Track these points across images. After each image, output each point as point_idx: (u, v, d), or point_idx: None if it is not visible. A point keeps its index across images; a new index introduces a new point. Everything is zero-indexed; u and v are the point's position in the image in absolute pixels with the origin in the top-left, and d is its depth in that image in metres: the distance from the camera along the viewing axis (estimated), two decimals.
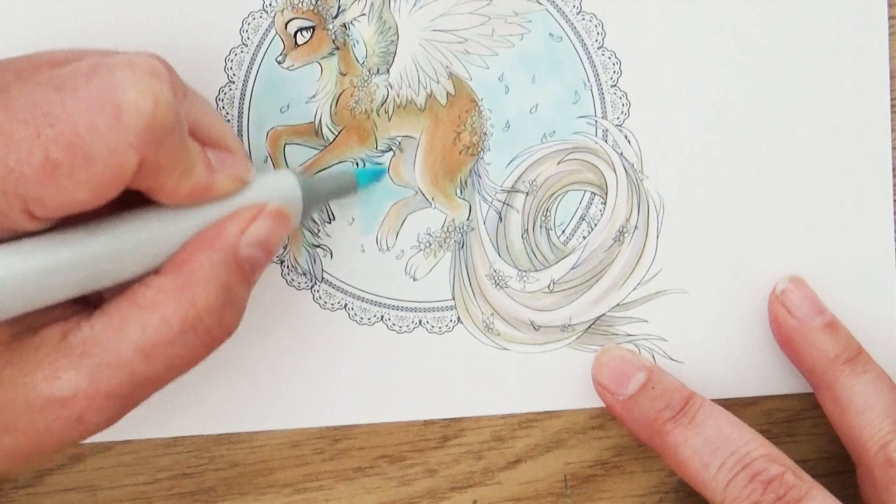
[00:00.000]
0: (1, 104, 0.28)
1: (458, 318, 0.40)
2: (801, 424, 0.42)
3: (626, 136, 0.39)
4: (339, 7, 0.38)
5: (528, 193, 0.40)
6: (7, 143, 0.27)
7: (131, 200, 0.31)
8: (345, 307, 0.40)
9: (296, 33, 0.38)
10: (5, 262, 0.29)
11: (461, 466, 0.41)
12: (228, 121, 0.38)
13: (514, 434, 0.41)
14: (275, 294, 0.39)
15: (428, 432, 0.41)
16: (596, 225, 0.40)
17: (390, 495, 0.41)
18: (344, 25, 0.38)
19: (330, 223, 0.39)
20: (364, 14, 0.38)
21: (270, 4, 0.38)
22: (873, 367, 0.38)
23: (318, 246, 0.39)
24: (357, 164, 0.39)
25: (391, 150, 0.39)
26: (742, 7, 0.39)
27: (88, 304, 0.32)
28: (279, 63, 0.38)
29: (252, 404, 0.40)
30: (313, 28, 0.38)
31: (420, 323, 0.40)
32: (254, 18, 0.38)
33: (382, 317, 0.40)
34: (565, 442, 0.41)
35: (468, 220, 0.40)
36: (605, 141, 0.39)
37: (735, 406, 0.39)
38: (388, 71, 0.38)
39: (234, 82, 0.38)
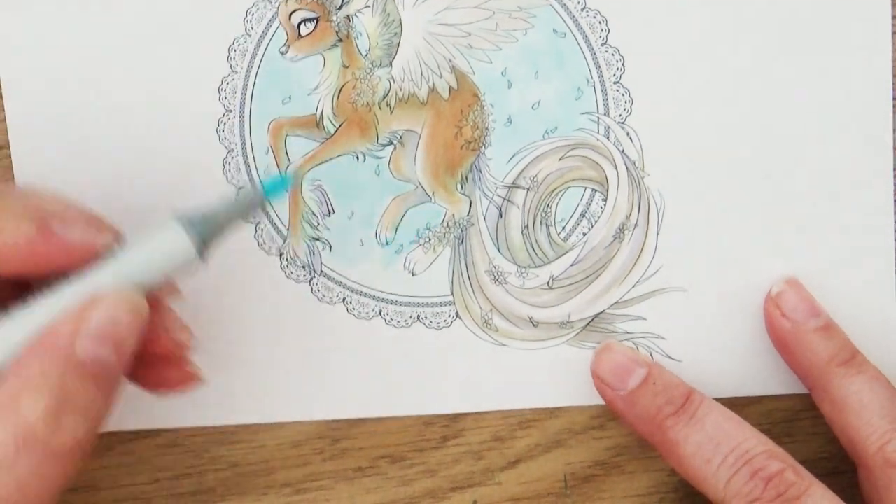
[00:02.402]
0: None
1: (457, 314, 0.40)
2: (801, 424, 0.41)
3: (627, 133, 0.39)
4: None
5: (528, 189, 0.39)
6: None
7: None
8: (343, 301, 0.39)
9: (299, 24, 0.38)
10: None
11: (461, 466, 0.41)
12: (230, 111, 0.38)
13: (514, 434, 0.41)
14: (273, 286, 0.39)
15: (428, 432, 0.41)
16: (596, 222, 0.40)
17: (390, 495, 0.41)
18: (347, 17, 0.38)
19: (329, 216, 0.39)
20: (368, 6, 0.38)
21: None
22: (869, 369, 0.38)
23: (317, 239, 0.39)
24: (358, 158, 0.39)
25: (392, 143, 0.39)
26: (745, 5, 0.39)
27: None
28: (282, 54, 0.38)
29: (249, 398, 0.40)
30: (317, 19, 0.38)
31: (418, 318, 0.40)
32: (258, 9, 0.38)
33: (381, 311, 0.40)
34: (565, 442, 0.41)
35: (468, 215, 0.40)
36: (607, 138, 0.39)
37: (734, 406, 0.39)
38: (390, 64, 0.38)
39: (236, 72, 0.38)
